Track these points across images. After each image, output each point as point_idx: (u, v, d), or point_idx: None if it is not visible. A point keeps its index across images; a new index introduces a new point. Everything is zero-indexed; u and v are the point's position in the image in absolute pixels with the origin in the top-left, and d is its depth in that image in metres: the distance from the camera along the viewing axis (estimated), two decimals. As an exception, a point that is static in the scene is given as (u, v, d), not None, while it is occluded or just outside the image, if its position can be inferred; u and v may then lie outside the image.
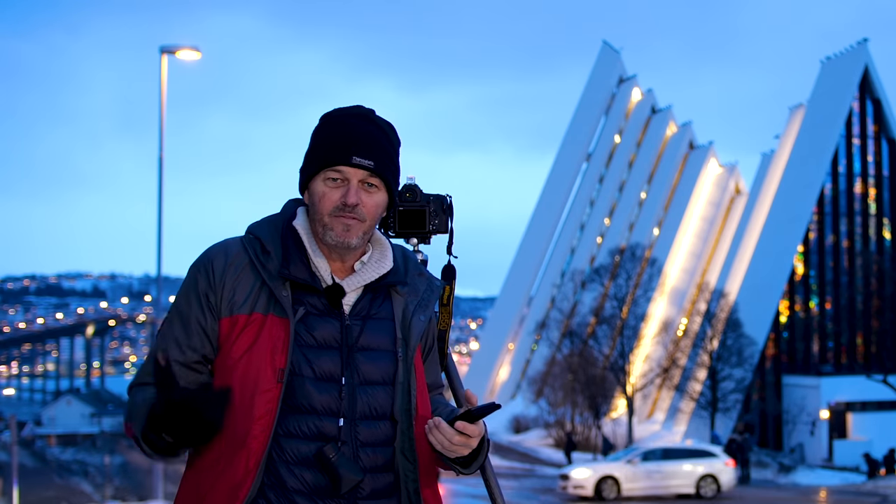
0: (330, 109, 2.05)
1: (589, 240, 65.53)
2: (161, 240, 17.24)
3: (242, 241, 2.00)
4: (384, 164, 1.98)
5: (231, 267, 1.96)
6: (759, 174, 58.80)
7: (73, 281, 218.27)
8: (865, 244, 51.45)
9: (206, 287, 1.96)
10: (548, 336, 54.62)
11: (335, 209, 1.94)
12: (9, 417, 22.30)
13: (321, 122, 2.03)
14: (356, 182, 1.95)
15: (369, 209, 1.97)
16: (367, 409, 1.94)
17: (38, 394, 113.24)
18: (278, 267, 1.95)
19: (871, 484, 29.49)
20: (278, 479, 1.89)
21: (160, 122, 17.17)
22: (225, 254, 1.98)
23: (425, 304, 2.08)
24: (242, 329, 1.92)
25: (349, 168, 1.95)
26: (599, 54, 69.19)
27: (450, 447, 1.93)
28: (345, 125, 1.99)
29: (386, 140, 2.01)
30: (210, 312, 1.95)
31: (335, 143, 1.96)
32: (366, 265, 2.03)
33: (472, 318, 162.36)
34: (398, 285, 2.06)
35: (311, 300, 1.96)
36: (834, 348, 51.07)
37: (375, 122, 2.02)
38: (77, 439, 54.25)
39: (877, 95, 51.82)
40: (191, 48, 16.95)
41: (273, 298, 1.93)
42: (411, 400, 1.98)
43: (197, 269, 1.98)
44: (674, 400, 50.73)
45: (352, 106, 2.04)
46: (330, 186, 1.96)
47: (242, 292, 1.94)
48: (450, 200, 2.40)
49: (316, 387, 1.91)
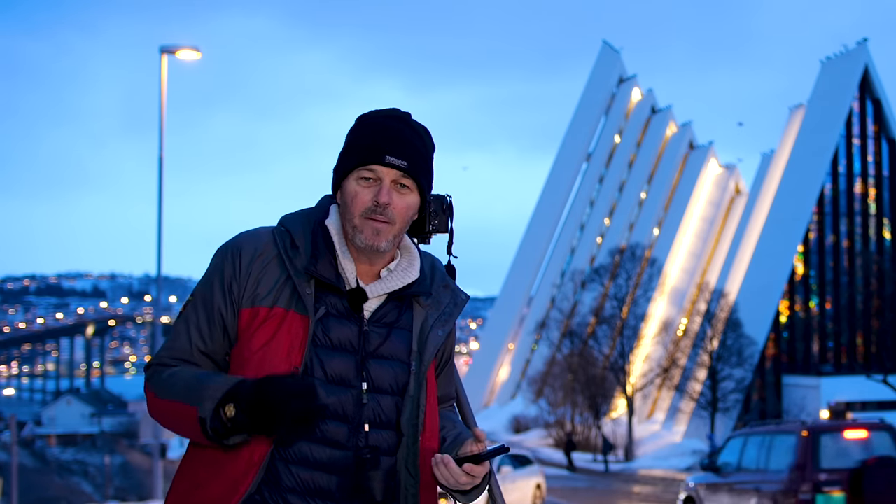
0: (367, 111, 2.05)
1: (589, 240, 65.57)
2: (161, 240, 17.27)
3: (273, 233, 1.99)
4: (418, 165, 1.97)
5: (259, 257, 1.95)
6: (759, 174, 58.81)
7: (73, 281, 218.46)
8: (865, 244, 51.46)
9: (231, 275, 1.94)
10: (548, 336, 54.64)
11: (367, 210, 1.93)
12: (9, 417, 22.31)
13: (356, 122, 2.02)
14: (388, 181, 1.94)
15: (399, 210, 1.95)
16: (372, 415, 1.93)
17: (38, 394, 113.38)
18: (305, 263, 1.93)
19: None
20: (275, 476, 1.89)
21: (160, 121, 17.21)
22: (255, 243, 1.97)
23: (446, 319, 2.05)
24: (262, 322, 1.91)
25: (382, 167, 1.93)
26: (599, 54, 69.24)
27: (455, 485, 1.94)
28: (380, 126, 1.98)
29: (420, 143, 2.00)
30: (231, 304, 1.94)
31: (369, 143, 1.95)
32: (392, 272, 2.01)
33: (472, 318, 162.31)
34: (422, 296, 2.04)
35: (333, 301, 1.94)
36: (834, 348, 51.08)
37: (411, 124, 2.01)
38: (77, 439, 54.30)
39: (877, 95, 51.84)
40: (191, 48, 16.95)
41: (296, 294, 1.92)
42: (419, 415, 1.97)
43: (224, 255, 1.97)
44: (674, 400, 50.74)
45: (388, 108, 2.03)
46: (363, 186, 1.94)
47: (267, 285, 1.93)
48: (450, 200, 2.39)
49: (326, 389, 1.89)
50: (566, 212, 67.74)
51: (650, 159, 64.76)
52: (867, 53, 51.58)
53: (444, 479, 1.93)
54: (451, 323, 2.07)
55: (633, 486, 30.31)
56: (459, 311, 2.10)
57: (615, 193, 66.24)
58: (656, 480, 33.04)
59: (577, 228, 67.20)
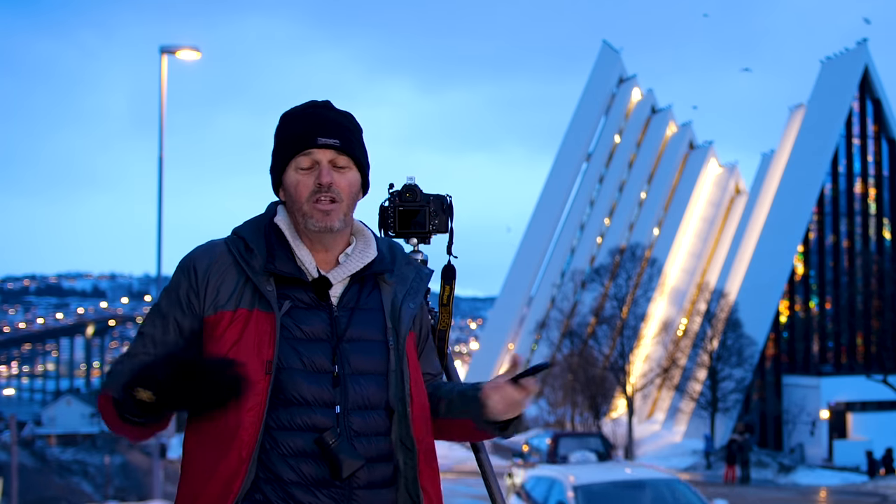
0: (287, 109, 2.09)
1: (589, 240, 65.57)
2: (161, 240, 17.29)
3: (226, 242, 2.03)
4: (350, 142, 2.02)
5: (215, 266, 1.98)
6: (759, 174, 58.81)
7: (73, 281, 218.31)
8: (865, 244, 51.46)
9: (187, 289, 1.98)
10: (548, 336, 54.62)
11: (311, 194, 1.97)
12: (9, 417, 22.32)
13: (281, 120, 2.07)
14: (326, 162, 1.98)
15: (343, 188, 1.99)
16: (359, 399, 1.95)
17: (38, 394, 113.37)
18: (263, 263, 1.96)
19: (872, 484, 29.47)
20: (274, 472, 1.89)
21: (160, 122, 17.24)
22: (209, 254, 2.01)
23: (415, 292, 2.09)
24: (228, 325, 1.93)
25: (317, 150, 1.98)
26: (599, 54, 69.22)
27: (509, 407, 1.98)
28: (304, 115, 2.03)
29: (348, 122, 2.05)
30: (191, 314, 1.97)
31: (298, 131, 2.00)
32: (350, 256, 2.04)
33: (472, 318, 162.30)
34: (385, 274, 2.07)
35: (298, 294, 1.97)
36: (834, 348, 51.07)
37: (334, 109, 2.06)
38: (77, 439, 54.23)
39: (877, 95, 51.83)
40: (191, 48, 16.97)
41: (258, 294, 1.95)
42: (405, 387, 1.99)
43: (181, 270, 2.01)
44: (674, 400, 50.75)
45: (307, 101, 2.08)
46: (302, 174, 1.99)
47: (227, 290, 1.96)
48: (450, 200, 2.40)
49: (306, 379, 1.91)
50: (566, 212, 67.73)
51: (650, 159, 64.77)
52: (867, 53, 51.58)
53: (501, 401, 1.98)
54: (421, 295, 2.11)
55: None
56: (426, 284, 2.15)
57: (615, 193, 66.23)
58: (656, 480, 33.02)
59: (577, 228, 67.20)
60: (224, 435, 1.89)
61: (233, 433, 1.88)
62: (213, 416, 1.89)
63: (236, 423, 1.88)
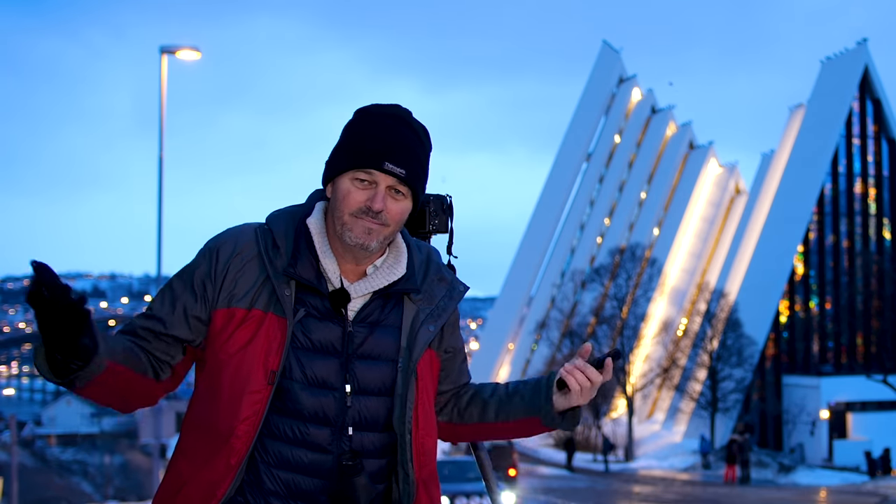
0: (366, 104, 1.97)
1: (589, 240, 65.56)
2: (161, 240, 17.27)
3: (256, 231, 1.93)
4: (415, 173, 1.90)
5: (237, 256, 1.89)
6: (759, 174, 58.83)
7: (73, 281, 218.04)
8: (865, 244, 51.47)
9: (204, 275, 1.89)
10: (548, 336, 54.63)
11: (358, 210, 1.86)
12: (9, 417, 22.31)
13: (356, 117, 1.94)
14: (384, 187, 1.87)
15: (393, 216, 1.88)
16: (357, 417, 1.88)
17: (38, 394, 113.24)
18: (285, 264, 1.88)
19: (872, 484, 29.48)
20: (257, 478, 1.86)
21: (160, 122, 17.22)
22: (234, 242, 1.91)
23: (439, 313, 1.98)
24: (239, 324, 1.86)
25: (380, 173, 1.86)
26: (599, 54, 69.20)
27: (587, 391, 1.94)
28: (380, 126, 1.90)
29: (420, 147, 1.92)
30: (203, 302, 1.89)
31: (368, 146, 1.87)
32: (379, 269, 1.94)
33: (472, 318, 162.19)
34: (411, 292, 1.97)
35: (314, 302, 1.88)
36: (834, 348, 51.08)
37: (412, 125, 1.93)
38: (77, 439, 54.17)
39: (877, 95, 51.84)
40: (191, 48, 16.95)
41: (275, 296, 1.86)
42: (406, 412, 1.91)
43: (203, 254, 1.92)
44: (674, 400, 50.74)
45: (390, 105, 1.95)
46: (357, 187, 1.87)
47: (244, 285, 1.88)
48: (450, 200, 2.40)
49: (306, 392, 1.85)
50: (566, 212, 67.73)
51: (650, 159, 64.76)
52: (867, 53, 51.59)
53: (581, 382, 1.94)
54: (446, 317, 1.99)
55: (633, 486, 30.31)
56: (455, 304, 2.03)
57: (615, 193, 66.23)
58: (656, 480, 33.07)
59: (577, 228, 67.18)
60: (216, 439, 1.85)
61: (224, 439, 1.83)
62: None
63: (229, 430, 1.83)
